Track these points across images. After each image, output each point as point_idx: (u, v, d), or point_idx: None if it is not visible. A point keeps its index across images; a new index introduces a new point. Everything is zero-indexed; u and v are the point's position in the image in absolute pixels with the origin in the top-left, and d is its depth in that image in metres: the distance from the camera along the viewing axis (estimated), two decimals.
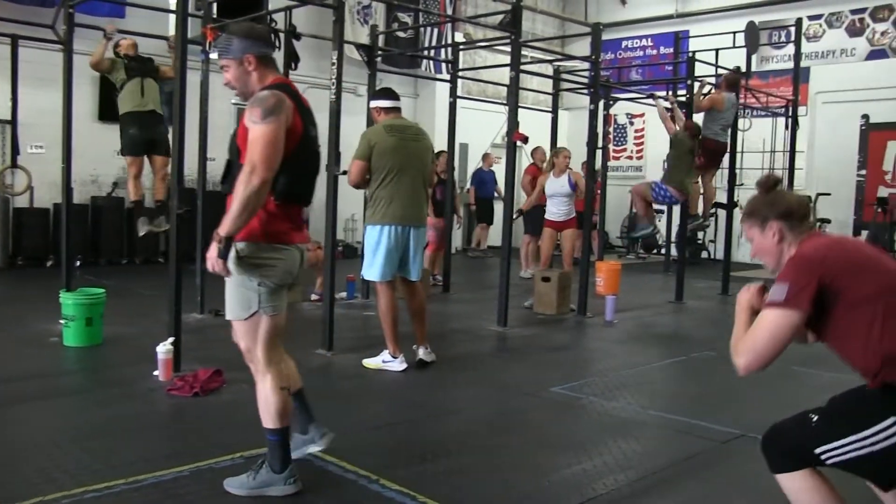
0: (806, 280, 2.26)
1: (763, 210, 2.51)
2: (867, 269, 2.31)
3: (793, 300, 2.26)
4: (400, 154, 5.21)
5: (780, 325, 2.28)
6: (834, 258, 2.30)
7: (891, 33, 12.76)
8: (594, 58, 8.01)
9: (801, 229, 2.47)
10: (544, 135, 10.86)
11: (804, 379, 5.42)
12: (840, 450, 2.23)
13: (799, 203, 2.52)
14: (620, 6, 15.86)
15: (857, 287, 2.26)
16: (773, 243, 2.50)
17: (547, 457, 3.71)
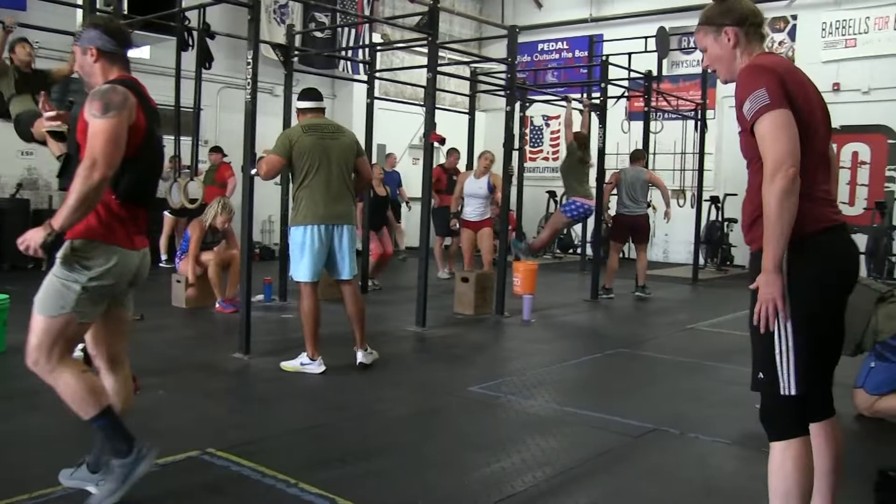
0: (775, 83, 2.31)
1: (718, 17, 2.56)
2: (805, 92, 2.41)
3: (776, 101, 2.30)
4: (317, 152, 5.21)
5: (784, 123, 2.29)
6: (785, 72, 2.38)
7: (787, 43, 13.29)
8: (510, 60, 8.11)
9: (755, 39, 2.53)
10: (461, 136, 10.94)
11: (713, 373, 5.60)
12: (789, 364, 2.37)
13: (752, 10, 2.55)
14: (536, 9, 16.09)
15: (799, 105, 2.35)
16: (728, 48, 2.54)
17: (467, 456, 3.74)
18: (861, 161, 12.73)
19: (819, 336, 2.40)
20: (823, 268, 2.39)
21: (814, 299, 2.37)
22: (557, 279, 11.23)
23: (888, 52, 12.30)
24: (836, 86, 12.57)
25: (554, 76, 15.42)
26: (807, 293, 2.35)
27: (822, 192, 2.43)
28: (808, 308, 2.36)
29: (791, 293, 2.34)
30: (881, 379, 4.42)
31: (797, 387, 2.38)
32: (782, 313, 2.33)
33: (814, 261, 2.36)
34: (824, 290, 2.40)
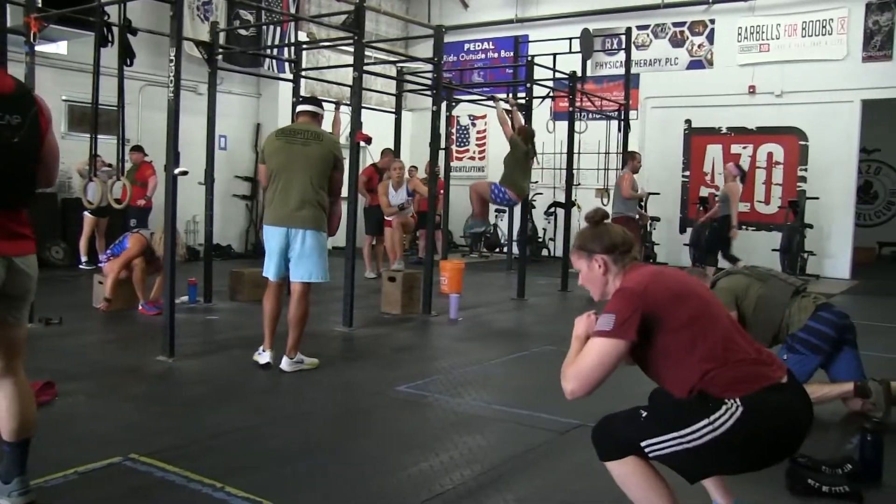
0: (631, 311, 2.43)
1: (589, 244, 2.70)
2: (684, 296, 2.50)
3: (619, 330, 2.42)
4: (282, 157, 5.27)
5: (607, 353, 2.44)
6: (654, 289, 2.48)
7: (706, 46, 13.68)
8: (437, 60, 8.14)
9: (625, 262, 2.66)
10: (388, 135, 10.92)
11: (636, 369, 5.72)
12: (661, 444, 2.40)
13: (623, 238, 2.69)
14: (463, 10, 16.17)
15: (677, 314, 2.45)
16: (598, 275, 2.69)
17: (395, 456, 3.74)
18: (775, 161, 13.18)
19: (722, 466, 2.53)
20: (763, 430, 2.40)
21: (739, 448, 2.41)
22: (484, 278, 11.31)
23: (798, 58, 12.78)
24: (752, 88, 12.99)
25: (480, 76, 15.52)
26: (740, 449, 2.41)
27: (745, 354, 2.46)
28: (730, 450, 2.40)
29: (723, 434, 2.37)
30: (834, 377, 4.57)
31: (660, 461, 2.46)
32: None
33: (755, 420, 2.37)
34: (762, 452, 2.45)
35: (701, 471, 2.51)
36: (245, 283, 8.27)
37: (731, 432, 2.33)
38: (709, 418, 2.35)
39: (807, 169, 12.94)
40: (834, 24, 12.56)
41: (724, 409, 2.34)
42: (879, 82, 12.15)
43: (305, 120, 5.49)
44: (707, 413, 2.36)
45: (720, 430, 2.33)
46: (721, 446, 2.35)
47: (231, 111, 13.01)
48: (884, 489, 3.50)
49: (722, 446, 2.35)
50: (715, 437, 2.34)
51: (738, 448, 2.38)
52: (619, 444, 2.48)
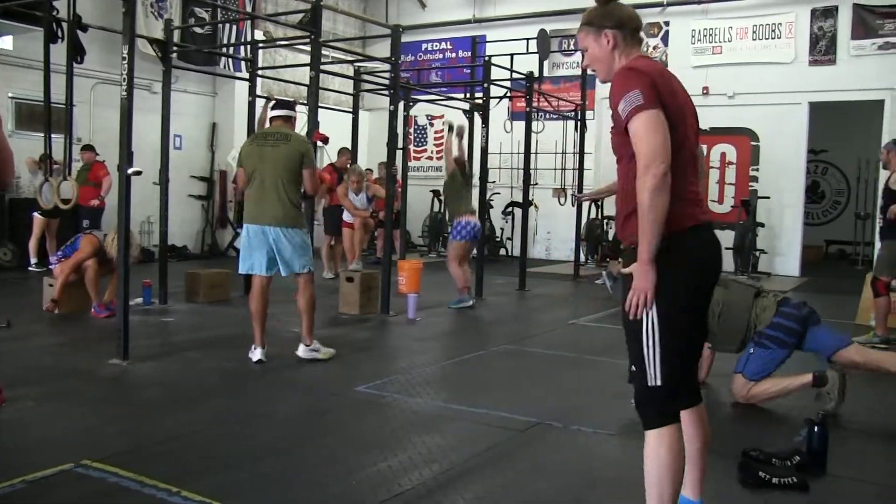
0: (648, 85, 2.43)
1: (599, 19, 2.67)
2: (677, 99, 2.54)
3: (650, 102, 2.41)
4: (254, 159, 5.56)
5: (656, 122, 2.41)
6: (659, 76, 2.50)
7: (661, 47, 13.86)
8: (394, 59, 8.13)
9: (632, 43, 2.65)
10: (345, 135, 10.89)
11: (595, 367, 5.79)
12: (655, 356, 2.50)
13: (631, 15, 2.68)
14: (420, 9, 16.16)
15: (670, 108, 2.47)
16: (607, 50, 2.65)
17: (354, 456, 3.73)
18: (728, 161, 13.41)
19: (682, 330, 2.53)
20: (688, 265, 2.51)
21: (678, 295, 2.49)
22: (443, 278, 11.28)
23: (749, 61, 13.02)
24: (706, 90, 13.18)
25: (438, 76, 15.53)
26: (672, 289, 2.47)
27: (690, 193, 2.56)
28: (672, 303, 2.48)
29: (657, 289, 2.45)
30: (759, 365, 4.64)
31: (662, 378, 2.50)
32: (650, 306, 2.45)
33: (679, 258, 2.48)
34: (688, 286, 2.53)
35: (682, 332, 2.55)
36: (202, 285, 8.19)
37: (662, 268, 2.43)
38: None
39: (758, 169, 13.18)
40: (782, 28, 12.83)
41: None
42: (825, 85, 12.44)
43: (278, 123, 5.74)
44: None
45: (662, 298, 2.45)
46: (663, 286, 2.44)
47: (186, 110, 12.85)
48: (828, 478, 3.61)
49: (663, 286, 2.44)
50: (658, 283, 2.44)
51: (673, 281, 2.46)
52: (646, 406, 2.56)
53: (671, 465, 2.51)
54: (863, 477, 3.69)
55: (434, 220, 14.77)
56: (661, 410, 2.54)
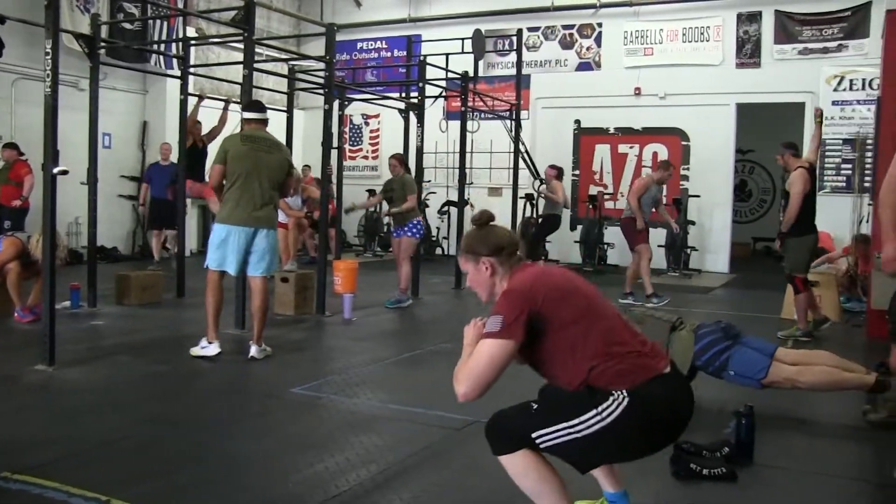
0: (518, 312, 2.47)
1: (476, 246, 2.72)
2: (569, 294, 2.56)
3: (506, 331, 2.46)
4: (248, 162, 5.71)
5: (496, 354, 2.47)
6: (540, 289, 2.53)
7: (594, 49, 14.07)
8: (329, 58, 8.08)
9: (511, 263, 2.70)
10: (280, 134, 10.76)
11: (530, 369, 5.85)
12: (552, 435, 2.46)
13: (509, 239, 2.74)
14: (356, 8, 16.09)
15: (562, 312, 2.51)
16: (486, 277, 2.71)
17: (290, 458, 3.70)
18: (661, 161, 13.64)
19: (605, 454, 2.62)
20: (650, 420, 2.49)
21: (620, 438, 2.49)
22: (379, 277, 11.28)
23: (680, 62, 13.31)
24: (637, 90, 13.43)
25: (373, 75, 15.49)
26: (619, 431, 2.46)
27: (631, 350, 2.53)
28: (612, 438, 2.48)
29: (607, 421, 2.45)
30: (744, 373, 4.55)
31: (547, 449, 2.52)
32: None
33: (629, 415, 2.45)
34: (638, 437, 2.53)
35: (591, 460, 2.59)
36: (132, 287, 8.01)
37: (618, 422, 2.42)
38: (597, 409, 2.43)
39: (689, 168, 13.47)
40: (710, 31, 13.15)
41: (612, 400, 2.43)
42: (751, 87, 12.81)
43: (261, 127, 5.99)
44: (595, 404, 2.44)
45: (608, 419, 2.42)
46: (609, 436, 2.43)
47: (116, 108, 12.55)
48: (755, 467, 3.74)
49: (609, 436, 2.43)
50: (603, 426, 2.42)
51: (625, 437, 2.47)
52: (511, 437, 2.53)
53: (545, 475, 2.53)
54: (786, 465, 3.82)
55: (369, 219, 14.72)
56: (513, 439, 2.54)
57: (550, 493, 2.53)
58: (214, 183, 5.89)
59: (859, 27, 12.16)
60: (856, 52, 12.18)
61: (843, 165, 12.34)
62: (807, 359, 4.67)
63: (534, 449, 2.50)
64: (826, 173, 12.51)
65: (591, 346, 2.49)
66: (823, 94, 12.37)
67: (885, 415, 4.40)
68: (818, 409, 4.83)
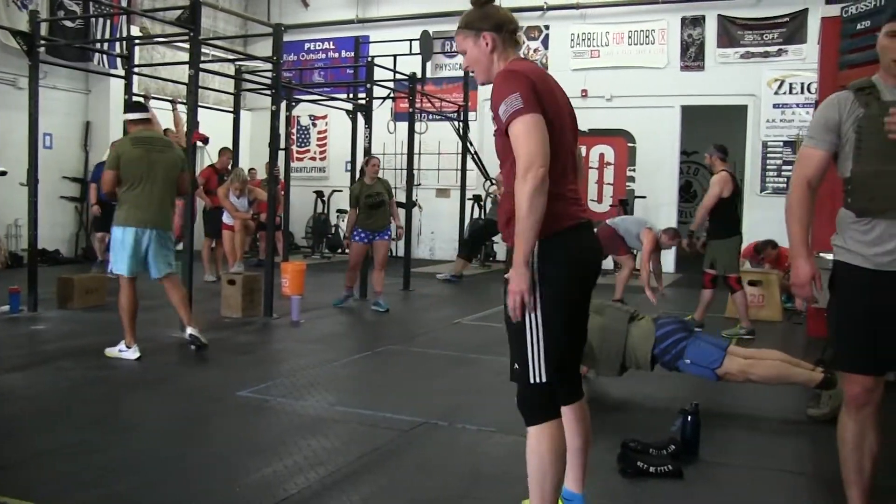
0: (528, 89, 2.45)
1: (477, 22, 2.67)
2: (558, 106, 2.58)
3: (530, 105, 2.43)
4: (143, 164, 5.75)
5: (536, 126, 2.42)
6: (538, 80, 2.53)
7: (541, 50, 14.19)
8: (276, 59, 8.01)
9: (510, 45, 2.69)
10: (226, 135, 10.66)
11: (478, 365, 5.87)
12: (539, 351, 2.54)
13: (509, 17, 2.71)
14: (303, 9, 15.97)
15: (548, 110, 2.50)
16: (485, 53, 2.67)
17: (237, 462, 3.66)
18: (607, 162, 13.84)
19: (565, 325, 2.59)
20: (568, 263, 2.57)
21: (559, 293, 2.55)
22: (327, 279, 11.22)
23: (626, 65, 13.49)
24: (584, 92, 13.57)
25: (320, 76, 15.40)
26: (553, 287, 2.53)
27: (570, 192, 2.62)
28: (553, 301, 2.54)
29: (539, 287, 2.51)
30: (700, 362, 4.63)
31: (546, 375, 2.55)
32: (530, 306, 2.50)
33: (560, 256, 2.54)
34: (569, 284, 2.59)
35: (567, 328, 2.62)
36: (76, 290, 7.84)
37: (544, 267, 2.50)
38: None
39: (635, 169, 13.66)
40: (656, 34, 13.36)
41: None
42: (695, 90, 13.04)
43: (148, 126, 6.05)
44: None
45: (537, 271, 2.50)
46: (548, 290, 2.51)
47: (57, 108, 12.25)
48: (700, 463, 3.81)
49: (549, 290, 2.51)
50: (538, 280, 2.49)
51: (556, 280, 2.53)
52: (527, 402, 2.60)
53: (553, 460, 2.57)
54: (730, 461, 3.89)
55: (318, 220, 14.63)
56: (542, 407, 2.59)
57: (554, 476, 2.57)
58: (108, 189, 5.86)
59: (798, 33, 12.47)
60: (795, 57, 12.50)
61: (783, 167, 12.62)
62: (758, 354, 4.79)
63: (558, 422, 2.58)
64: (768, 175, 12.80)
65: (553, 166, 2.50)
66: (765, 97, 12.66)
67: (827, 411, 4.51)
68: (760, 406, 4.94)
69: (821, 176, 2.90)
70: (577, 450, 2.82)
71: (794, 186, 2.93)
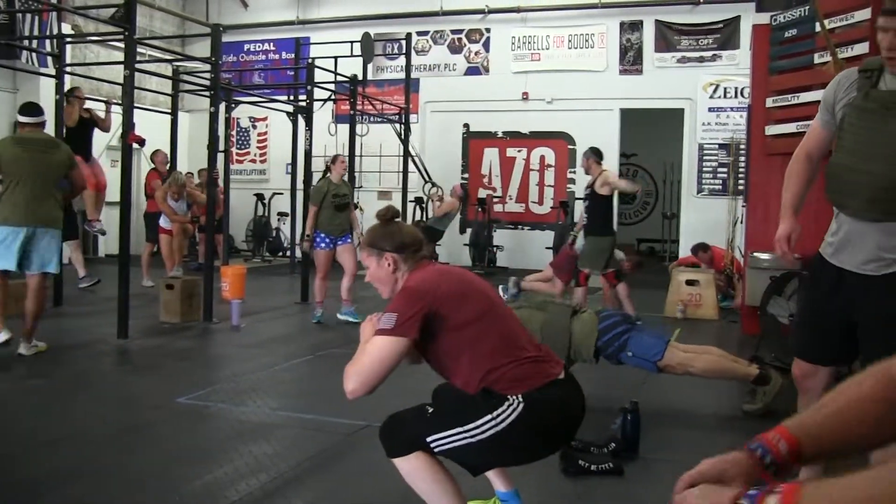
0: (414, 310, 2.46)
1: (380, 241, 2.70)
2: (468, 295, 2.58)
3: (399, 328, 2.44)
4: (24, 164, 5.81)
5: (387, 351, 2.45)
6: (438, 288, 2.53)
7: (482, 54, 14.27)
8: (214, 59, 7.91)
9: (414, 260, 2.70)
10: (164, 137, 10.48)
11: (416, 370, 5.86)
12: (446, 439, 2.46)
13: (412, 237, 2.73)
14: (242, 9, 15.78)
15: (460, 312, 2.52)
16: (388, 273, 2.69)
17: (176, 470, 3.60)
18: (547, 164, 13.97)
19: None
20: (536, 431, 2.50)
21: (506, 444, 2.48)
22: (268, 283, 11.13)
23: (566, 68, 13.65)
24: (525, 95, 13.69)
25: (260, 77, 15.24)
26: (503, 438, 2.46)
27: (527, 356, 2.56)
28: (493, 444, 2.47)
29: (494, 427, 2.44)
30: (642, 354, 4.68)
31: (432, 446, 2.51)
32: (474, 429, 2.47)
33: (526, 422, 2.45)
34: (530, 441, 2.53)
35: (485, 464, 2.62)
36: (7, 297, 7.58)
37: (513, 427, 2.43)
38: (492, 413, 2.44)
39: (575, 171, 13.79)
40: (595, 38, 13.55)
41: (507, 406, 2.44)
42: (634, 93, 13.25)
43: (37, 130, 6.08)
44: (490, 409, 2.44)
45: (502, 425, 2.43)
46: (503, 440, 2.44)
47: None
48: (641, 461, 3.87)
49: (504, 440, 2.44)
50: (497, 431, 2.43)
51: (519, 442, 2.48)
52: (405, 441, 2.52)
53: (437, 478, 2.53)
54: (669, 457, 3.95)
55: (258, 223, 14.46)
56: (410, 446, 2.54)
57: (443, 494, 2.53)
58: None
59: (731, 39, 12.78)
60: (729, 62, 12.80)
61: (719, 169, 12.90)
62: (698, 349, 4.89)
63: (428, 451, 2.50)
64: (703, 177, 13.07)
65: (488, 349, 2.51)
66: (700, 100, 12.93)
67: (761, 406, 4.63)
68: (698, 402, 5.05)
69: (821, 151, 2.96)
70: None
71: (794, 156, 3.02)
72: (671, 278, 8.91)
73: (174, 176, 9.83)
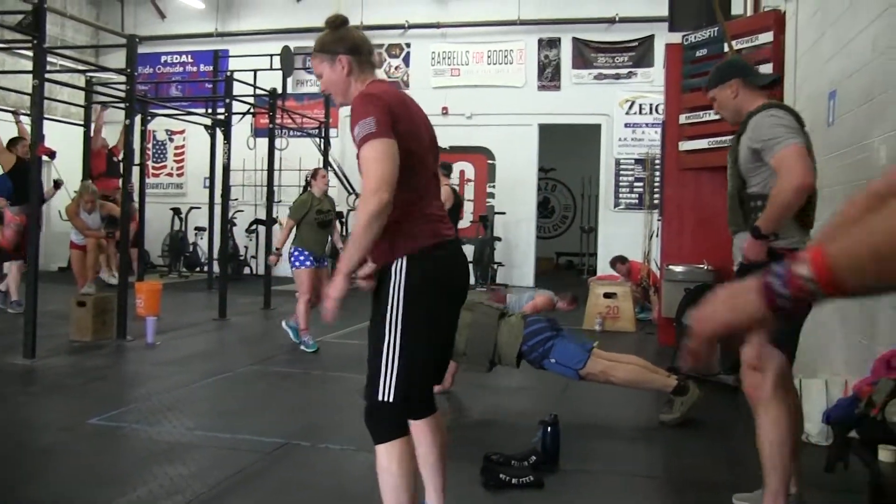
0: (382, 113, 2.45)
1: (332, 45, 2.66)
2: (417, 126, 2.60)
3: (382, 130, 2.42)
4: None
5: (385, 151, 2.41)
6: (395, 102, 2.54)
7: (402, 68, 14.31)
8: (130, 71, 7.72)
9: (367, 67, 2.69)
10: (76, 150, 10.17)
11: (340, 383, 5.81)
12: (394, 350, 2.55)
13: (364, 40, 2.72)
14: (159, 20, 15.45)
15: (406, 136, 2.50)
16: (342, 76, 2.66)
17: (87, 494, 3.47)
18: (467, 179, 14.07)
19: (423, 346, 2.60)
20: (430, 282, 2.59)
21: (421, 311, 2.56)
22: (184, 299, 10.87)
23: (485, 83, 13.81)
24: (445, 110, 13.75)
25: (178, 90, 14.95)
26: (415, 305, 2.54)
27: (433, 211, 2.64)
28: (415, 319, 2.55)
29: (402, 305, 2.51)
30: (565, 362, 4.75)
31: (395, 394, 2.55)
32: (392, 323, 2.51)
33: (423, 275, 2.56)
34: (432, 302, 2.60)
35: (428, 339, 2.63)
36: None
37: (407, 286, 2.51)
38: (393, 288, 2.53)
39: (494, 186, 13.96)
40: (514, 54, 13.74)
41: (394, 270, 2.54)
42: (552, 109, 13.48)
43: None
44: (389, 293, 2.53)
45: (400, 290, 2.52)
46: (410, 308, 2.52)
47: None
48: (560, 473, 3.91)
49: (411, 308, 2.52)
50: (402, 298, 2.52)
51: (419, 300, 2.54)
52: (387, 418, 2.61)
53: (405, 476, 2.58)
54: (588, 468, 4.02)
55: (175, 238, 14.13)
56: (390, 424, 2.60)
57: (407, 492, 2.58)
58: None
59: (645, 57, 13.13)
60: (644, 80, 13.14)
61: (635, 184, 13.21)
62: (620, 358, 4.98)
63: (409, 437, 2.60)
64: (620, 191, 13.36)
65: (414, 184, 2.53)
66: (617, 116, 13.24)
67: (678, 416, 4.74)
68: (616, 414, 5.14)
69: None
70: (435, 463, 2.82)
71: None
72: (589, 291, 9.06)
73: (84, 185, 9.52)
